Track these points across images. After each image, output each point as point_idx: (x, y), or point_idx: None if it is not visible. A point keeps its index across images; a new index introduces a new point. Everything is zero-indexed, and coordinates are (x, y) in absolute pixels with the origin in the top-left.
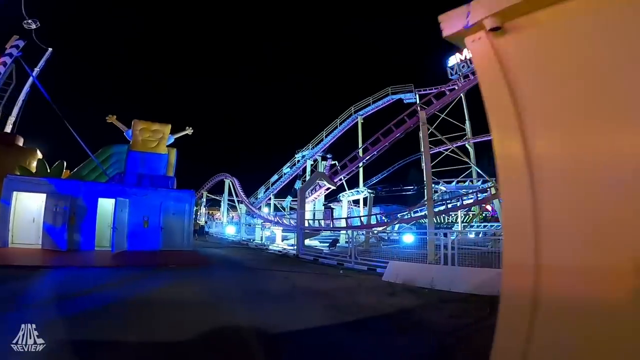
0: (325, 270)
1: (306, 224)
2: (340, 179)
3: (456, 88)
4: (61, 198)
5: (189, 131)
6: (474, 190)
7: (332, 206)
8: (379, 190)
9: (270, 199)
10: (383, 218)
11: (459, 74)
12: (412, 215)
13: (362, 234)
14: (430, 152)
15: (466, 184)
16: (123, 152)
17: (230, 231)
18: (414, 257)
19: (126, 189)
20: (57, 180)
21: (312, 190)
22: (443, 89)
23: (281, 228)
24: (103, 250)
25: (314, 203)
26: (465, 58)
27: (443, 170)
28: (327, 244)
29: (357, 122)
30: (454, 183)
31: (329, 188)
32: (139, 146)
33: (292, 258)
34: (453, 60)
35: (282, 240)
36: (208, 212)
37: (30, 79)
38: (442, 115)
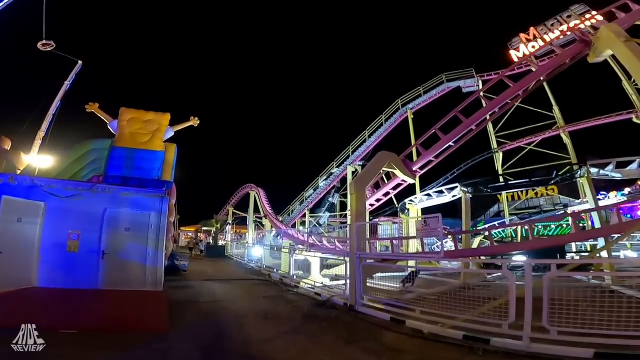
0: None
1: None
2: (430, 161)
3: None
4: None
5: (193, 122)
6: None
7: (379, 222)
8: (484, 188)
9: (304, 215)
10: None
11: (528, 55)
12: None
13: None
14: (504, 149)
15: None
16: (104, 149)
17: (256, 253)
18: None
19: (36, 182)
20: None
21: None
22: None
23: (319, 253)
24: None
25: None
26: (534, 37)
27: (523, 170)
28: (400, 278)
29: (406, 116)
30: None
31: (398, 185)
32: (125, 140)
33: (342, 312)
34: (517, 41)
35: (321, 271)
36: (235, 231)
37: (60, 93)
38: (517, 103)
